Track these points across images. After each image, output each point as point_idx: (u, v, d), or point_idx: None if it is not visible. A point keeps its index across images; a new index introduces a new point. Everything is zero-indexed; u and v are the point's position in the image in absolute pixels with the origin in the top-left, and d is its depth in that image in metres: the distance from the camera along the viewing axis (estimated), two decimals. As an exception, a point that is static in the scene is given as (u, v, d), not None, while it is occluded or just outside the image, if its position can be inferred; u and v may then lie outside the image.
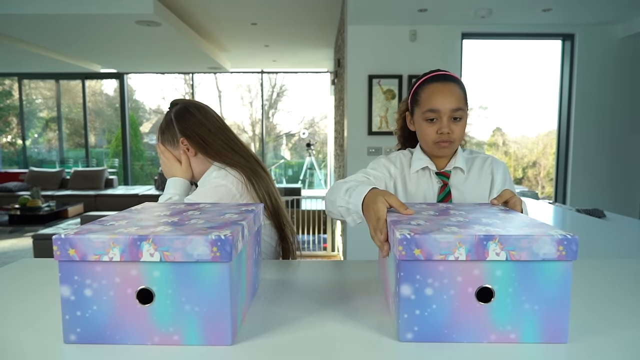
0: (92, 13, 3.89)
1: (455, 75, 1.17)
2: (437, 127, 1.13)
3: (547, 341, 0.62)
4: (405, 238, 0.60)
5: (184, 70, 7.64)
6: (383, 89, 3.94)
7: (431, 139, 1.15)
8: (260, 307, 0.76)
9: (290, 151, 9.48)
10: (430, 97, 1.13)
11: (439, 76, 1.16)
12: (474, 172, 1.20)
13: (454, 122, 1.13)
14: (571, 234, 0.60)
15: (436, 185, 1.18)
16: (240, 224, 0.66)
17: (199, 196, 1.18)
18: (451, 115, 1.12)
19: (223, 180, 1.18)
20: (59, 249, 0.59)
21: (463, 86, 1.16)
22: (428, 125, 1.14)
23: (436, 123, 1.13)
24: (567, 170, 4.23)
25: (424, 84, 1.16)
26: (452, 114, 1.12)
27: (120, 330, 0.61)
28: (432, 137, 1.14)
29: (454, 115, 1.12)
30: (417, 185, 1.20)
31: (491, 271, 0.61)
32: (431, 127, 1.14)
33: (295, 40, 5.73)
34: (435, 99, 1.12)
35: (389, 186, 1.22)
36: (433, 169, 1.19)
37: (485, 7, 3.42)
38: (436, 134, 1.13)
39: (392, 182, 1.22)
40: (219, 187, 1.18)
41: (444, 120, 1.12)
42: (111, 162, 8.36)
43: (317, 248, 5.12)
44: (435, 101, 1.12)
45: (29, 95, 8.40)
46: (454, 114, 1.12)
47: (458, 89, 1.14)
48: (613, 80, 4.06)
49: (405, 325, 0.62)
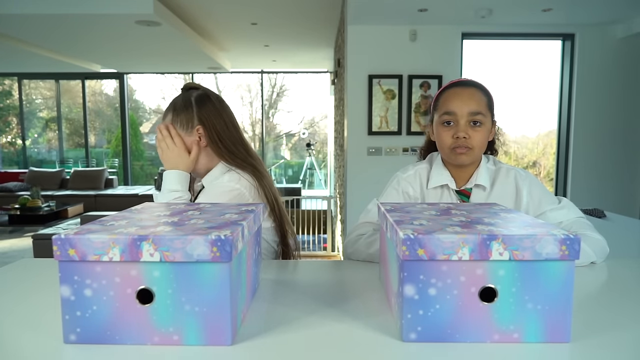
0: (92, 13, 3.88)
1: (479, 82, 1.11)
2: (453, 132, 1.06)
3: (549, 341, 0.61)
4: (409, 238, 0.60)
5: (184, 70, 7.64)
6: (383, 89, 3.94)
7: (447, 145, 1.08)
8: (260, 307, 0.75)
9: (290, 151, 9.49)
10: (448, 100, 1.08)
11: (460, 82, 1.11)
12: (496, 188, 1.11)
13: (472, 127, 1.05)
14: (573, 234, 0.60)
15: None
16: (240, 224, 0.66)
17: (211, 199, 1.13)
18: (469, 119, 1.05)
19: (237, 184, 1.14)
20: (58, 249, 0.58)
21: (487, 93, 1.10)
22: (444, 130, 1.08)
23: (453, 127, 1.07)
24: (567, 170, 4.23)
25: (444, 90, 1.11)
26: (470, 118, 1.05)
27: (120, 330, 0.60)
28: (448, 142, 1.07)
29: (472, 119, 1.05)
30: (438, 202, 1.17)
31: (494, 271, 0.60)
32: (447, 132, 1.07)
33: (295, 40, 5.73)
34: (453, 101, 1.07)
35: None
36: (453, 187, 1.12)
37: (485, 7, 3.42)
38: (452, 138, 1.06)
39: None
40: (233, 191, 1.13)
41: (461, 124, 1.05)
42: (111, 162, 8.36)
43: (317, 248, 5.11)
44: (452, 103, 1.06)
45: (29, 95, 8.40)
46: (472, 118, 1.04)
47: (479, 93, 1.07)
48: (613, 80, 4.05)
49: (408, 326, 0.62)
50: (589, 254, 0.98)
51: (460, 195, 1.12)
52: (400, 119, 3.97)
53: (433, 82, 3.95)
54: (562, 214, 1.08)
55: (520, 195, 1.10)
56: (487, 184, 1.11)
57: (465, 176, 1.13)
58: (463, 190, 1.12)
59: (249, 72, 8.18)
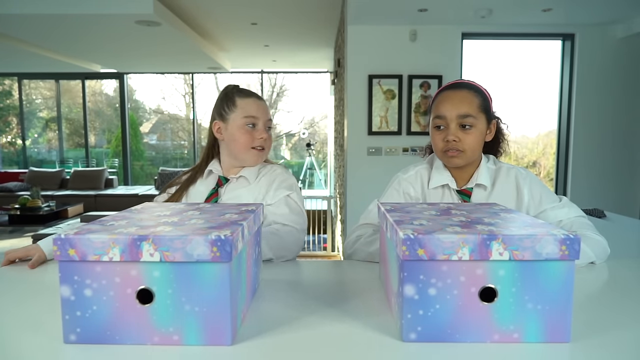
0: (92, 13, 3.88)
1: (473, 83, 1.11)
2: (444, 135, 1.07)
3: (549, 340, 0.61)
4: (409, 238, 0.60)
5: (184, 70, 7.64)
6: (383, 89, 3.94)
7: (439, 148, 1.09)
8: (260, 307, 0.75)
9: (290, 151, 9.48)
10: (439, 103, 1.09)
11: (453, 84, 1.11)
12: (497, 187, 1.11)
13: (462, 130, 1.06)
14: (573, 234, 0.60)
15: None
16: (240, 224, 0.66)
17: (299, 199, 1.23)
18: (459, 122, 1.05)
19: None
20: (59, 249, 0.58)
21: (482, 94, 1.09)
22: (436, 133, 1.09)
23: (444, 131, 1.08)
24: (567, 170, 4.22)
25: (438, 93, 1.12)
26: (459, 121, 1.05)
27: (120, 330, 0.60)
28: (440, 146, 1.09)
29: (462, 123, 1.05)
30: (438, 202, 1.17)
31: (494, 271, 0.60)
32: (439, 135, 1.08)
33: (295, 40, 5.72)
34: (443, 105, 1.07)
35: None
36: (453, 187, 1.12)
37: (485, 7, 3.42)
38: (443, 142, 1.07)
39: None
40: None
41: (451, 127, 1.06)
42: (111, 162, 8.35)
43: (317, 248, 5.11)
44: (443, 107, 1.07)
45: (29, 95, 8.40)
46: (462, 121, 1.05)
47: (471, 96, 1.07)
48: (613, 80, 4.05)
49: (408, 326, 0.62)
50: (588, 254, 0.98)
51: (461, 195, 1.12)
52: (400, 119, 3.97)
53: (433, 82, 3.95)
54: (562, 212, 1.08)
55: (522, 194, 1.10)
56: (488, 183, 1.11)
57: (465, 176, 1.13)
58: (464, 190, 1.12)
59: (249, 72, 8.17)
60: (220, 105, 1.25)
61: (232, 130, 1.22)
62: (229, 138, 1.23)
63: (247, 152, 1.23)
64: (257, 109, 1.23)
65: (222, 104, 1.25)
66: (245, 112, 1.22)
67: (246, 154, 1.23)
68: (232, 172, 1.28)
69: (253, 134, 1.22)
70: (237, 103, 1.23)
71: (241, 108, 1.22)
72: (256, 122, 1.23)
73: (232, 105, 1.23)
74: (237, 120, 1.21)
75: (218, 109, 1.26)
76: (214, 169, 1.28)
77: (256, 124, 1.23)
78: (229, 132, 1.23)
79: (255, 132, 1.23)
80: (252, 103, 1.23)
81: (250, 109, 1.22)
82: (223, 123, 1.24)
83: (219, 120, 1.25)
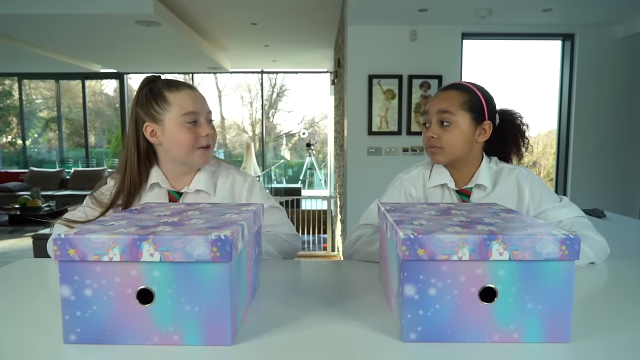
0: (92, 13, 3.88)
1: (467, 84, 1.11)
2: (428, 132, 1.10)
3: (550, 341, 0.61)
4: (409, 238, 0.60)
5: (184, 70, 7.64)
6: (383, 89, 3.94)
7: (424, 144, 1.13)
8: (260, 307, 0.75)
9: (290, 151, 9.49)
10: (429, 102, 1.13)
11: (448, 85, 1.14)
12: (498, 188, 1.11)
13: (441, 127, 1.07)
14: (573, 234, 0.60)
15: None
16: (241, 224, 0.66)
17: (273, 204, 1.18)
18: (438, 118, 1.07)
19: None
20: (59, 249, 0.58)
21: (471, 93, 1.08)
22: (424, 130, 1.13)
23: (429, 128, 1.11)
24: (567, 170, 4.22)
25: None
26: (438, 117, 1.07)
27: (120, 330, 0.60)
28: (424, 142, 1.12)
29: (440, 118, 1.07)
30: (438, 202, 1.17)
31: (494, 271, 0.60)
32: (424, 132, 1.12)
33: (295, 40, 5.73)
34: (430, 103, 1.11)
35: None
36: (452, 187, 1.12)
37: (485, 7, 3.42)
38: (427, 138, 1.11)
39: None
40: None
41: (432, 123, 1.09)
42: (111, 162, 8.35)
43: (317, 248, 5.11)
44: (429, 104, 1.11)
45: (29, 95, 8.40)
46: (440, 117, 1.07)
47: (455, 94, 1.08)
48: (613, 80, 4.05)
49: (408, 326, 0.62)
50: (588, 254, 0.98)
51: (460, 195, 1.12)
52: (400, 119, 3.97)
53: (433, 82, 3.95)
54: (562, 212, 1.09)
55: (522, 194, 1.10)
56: (489, 184, 1.11)
57: (465, 177, 1.13)
58: (463, 190, 1.12)
59: (249, 72, 8.18)
60: (148, 104, 1.07)
61: (171, 132, 1.05)
62: (168, 141, 1.06)
63: (193, 154, 1.07)
64: (194, 102, 1.07)
65: (149, 103, 1.07)
66: (182, 108, 1.05)
67: (192, 155, 1.07)
68: (181, 181, 1.12)
69: (196, 131, 1.06)
70: (169, 99, 1.06)
71: (176, 105, 1.05)
72: (197, 117, 1.07)
73: (164, 102, 1.05)
74: (174, 120, 1.05)
75: (146, 109, 1.07)
76: (160, 180, 1.10)
77: (197, 119, 1.07)
78: (166, 134, 1.06)
79: (198, 128, 1.07)
80: (187, 96, 1.07)
81: (187, 104, 1.06)
82: (157, 125, 1.06)
83: (150, 122, 1.06)
